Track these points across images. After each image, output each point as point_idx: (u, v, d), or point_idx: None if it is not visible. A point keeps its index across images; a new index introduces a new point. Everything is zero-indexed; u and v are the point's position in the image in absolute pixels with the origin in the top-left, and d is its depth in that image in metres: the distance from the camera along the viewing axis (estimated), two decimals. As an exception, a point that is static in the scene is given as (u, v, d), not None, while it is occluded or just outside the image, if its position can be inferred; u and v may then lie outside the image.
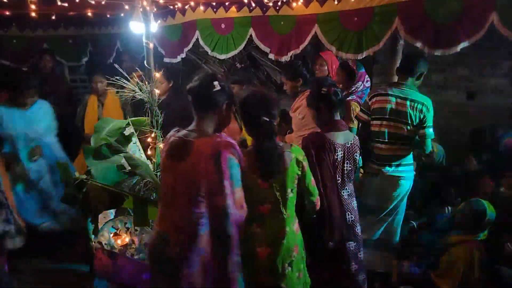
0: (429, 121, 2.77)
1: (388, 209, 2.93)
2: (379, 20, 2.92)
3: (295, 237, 2.06)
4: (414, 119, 2.76)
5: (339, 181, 2.41)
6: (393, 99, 2.80)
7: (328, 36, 3.24)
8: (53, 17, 4.02)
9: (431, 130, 2.79)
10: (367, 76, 3.40)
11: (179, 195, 1.73)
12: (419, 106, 2.75)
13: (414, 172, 2.98)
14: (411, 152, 2.91)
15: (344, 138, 2.42)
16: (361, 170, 3.16)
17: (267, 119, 1.96)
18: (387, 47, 3.09)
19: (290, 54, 3.53)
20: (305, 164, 2.09)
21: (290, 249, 2.01)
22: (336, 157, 2.36)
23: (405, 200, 2.97)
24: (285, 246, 1.99)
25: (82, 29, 5.11)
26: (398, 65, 3.05)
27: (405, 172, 2.89)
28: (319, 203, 2.21)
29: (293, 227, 2.06)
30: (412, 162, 2.95)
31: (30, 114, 3.49)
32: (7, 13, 3.80)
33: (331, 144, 2.34)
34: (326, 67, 3.60)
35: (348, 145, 2.42)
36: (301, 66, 3.22)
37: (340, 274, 2.46)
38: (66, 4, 3.01)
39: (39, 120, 3.54)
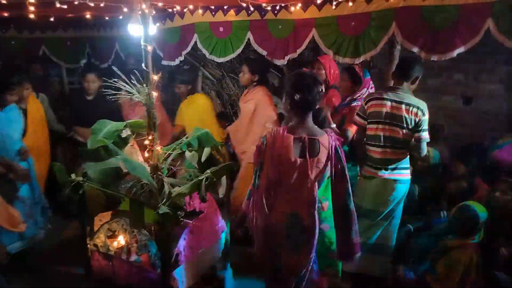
0: (424, 125, 2.78)
1: (384, 213, 2.94)
2: (376, 25, 2.94)
3: None
4: (409, 123, 2.78)
5: None
6: (389, 103, 2.82)
7: (326, 40, 3.26)
8: (52, 19, 4.03)
9: (426, 133, 2.80)
10: (371, 82, 3.40)
11: (306, 182, 2.08)
12: (414, 110, 2.77)
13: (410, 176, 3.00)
14: (407, 156, 2.93)
15: None
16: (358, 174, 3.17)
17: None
18: (384, 51, 3.11)
19: (287, 58, 3.55)
20: None
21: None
22: None
23: (401, 204, 2.97)
24: None
25: (80, 31, 5.11)
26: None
27: (401, 176, 2.90)
28: None
29: None
30: (408, 166, 2.96)
31: (5, 115, 3.27)
32: (6, 14, 3.81)
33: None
34: (323, 71, 3.62)
35: None
36: (264, 64, 3.32)
37: None
38: (64, 6, 3.02)
39: (14, 121, 3.35)
